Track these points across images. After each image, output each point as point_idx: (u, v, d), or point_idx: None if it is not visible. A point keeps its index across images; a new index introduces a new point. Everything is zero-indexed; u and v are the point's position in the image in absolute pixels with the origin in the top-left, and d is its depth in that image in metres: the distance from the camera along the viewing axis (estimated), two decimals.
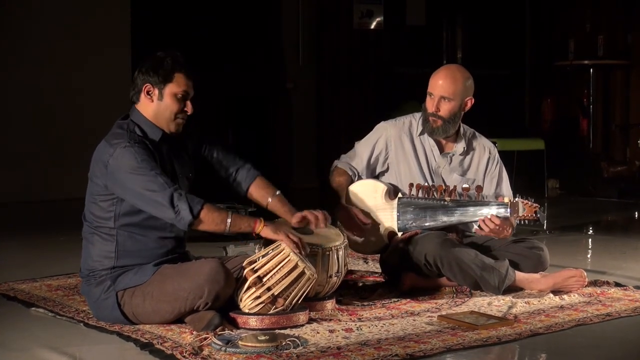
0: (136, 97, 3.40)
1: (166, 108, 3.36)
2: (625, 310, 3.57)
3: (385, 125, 4.12)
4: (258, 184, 3.62)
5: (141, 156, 3.23)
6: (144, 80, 3.36)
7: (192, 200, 3.22)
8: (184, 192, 3.23)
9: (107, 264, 3.33)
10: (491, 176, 4.08)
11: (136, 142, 3.27)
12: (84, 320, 3.40)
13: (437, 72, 4.00)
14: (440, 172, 4.04)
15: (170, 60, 3.35)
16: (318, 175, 9.10)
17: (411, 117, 4.11)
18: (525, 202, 3.77)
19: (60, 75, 7.83)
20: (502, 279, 3.73)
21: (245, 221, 3.29)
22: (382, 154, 4.08)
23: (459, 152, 4.06)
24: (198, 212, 3.21)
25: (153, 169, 3.23)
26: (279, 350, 2.92)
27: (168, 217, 3.23)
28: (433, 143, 4.05)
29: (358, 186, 4.04)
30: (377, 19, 9.32)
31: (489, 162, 4.10)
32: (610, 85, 9.20)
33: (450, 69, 4.03)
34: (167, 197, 3.19)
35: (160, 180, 3.21)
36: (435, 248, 3.75)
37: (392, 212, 3.94)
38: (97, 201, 3.33)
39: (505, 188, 4.10)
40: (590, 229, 6.48)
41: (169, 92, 3.35)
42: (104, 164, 3.26)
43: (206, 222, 3.23)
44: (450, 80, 3.94)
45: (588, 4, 9.26)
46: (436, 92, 3.94)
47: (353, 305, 3.63)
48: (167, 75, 3.34)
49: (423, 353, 2.93)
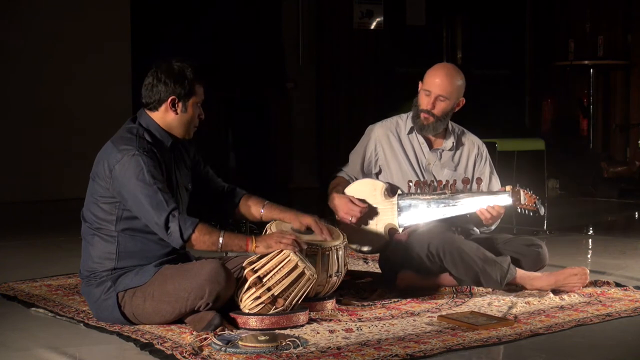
0: (155, 106, 3.39)
1: (189, 119, 3.40)
2: (626, 310, 3.57)
3: (373, 128, 4.15)
4: (246, 200, 3.63)
5: (147, 167, 3.24)
6: (169, 92, 3.35)
7: (185, 223, 3.22)
8: (177, 214, 3.22)
9: (107, 265, 3.33)
10: (480, 172, 4.10)
11: (145, 151, 3.27)
12: (84, 321, 3.40)
13: (434, 70, 4.01)
14: (431, 168, 4.05)
15: (191, 72, 3.37)
16: (318, 175, 9.11)
17: (397, 118, 4.15)
18: (526, 192, 3.85)
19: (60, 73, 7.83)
20: (504, 273, 3.74)
21: (237, 242, 3.29)
22: (373, 156, 4.11)
23: (448, 147, 4.08)
24: (189, 237, 3.22)
25: (156, 183, 3.23)
26: (279, 351, 2.92)
27: (161, 235, 3.26)
28: (422, 140, 4.07)
29: (357, 185, 4.05)
30: (377, 19, 9.33)
31: (477, 158, 4.12)
32: (611, 85, 9.21)
33: (448, 69, 4.04)
34: (163, 218, 3.21)
35: (160, 197, 3.21)
36: (438, 239, 3.76)
37: (392, 209, 3.94)
38: (99, 202, 3.33)
39: (496, 183, 4.11)
40: (590, 229, 6.48)
41: (192, 104, 3.39)
42: (110, 168, 3.26)
43: (197, 245, 3.25)
44: (449, 80, 3.96)
45: (588, 4, 9.27)
46: (434, 90, 3.96)
47: (353, 305, 3.63)
48: (192, 87, 3.36)
49: (423, 353, 2.93)
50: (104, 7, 8.04)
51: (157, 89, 3.36)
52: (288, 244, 3.25)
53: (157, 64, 3.40)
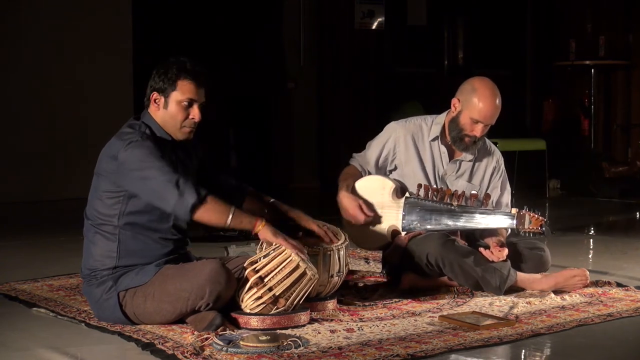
0: (147, 102, 3.40)
1: (171, 116, 3.35)
2: (627, 310, 3.57)
3: (395, 126, 4.09)
4: (251, 197, 3.62)
5: (151, 149, 3.23)
6: (152, 87, 3.36)
7: (198, 187, 3.21)
8: (187, 181, 3.22)
9: (108, 263, 3.33)
10: (493, 185, 4.07)
11: (148, 138, 3.28)
12: (85, 321, 3.40)
13: (488, 99, 3.86)
14: (446, 179, 4.03)
15: (175, 67, 3.33)
16: (319, 175, 9.11)
17: (422, 120, 4.07)
18: (532, 215, 3.74)
19: (62, 74, 7.84)
20: (504, 279, 3.73)
21: (247, 218, 3.27)
22: (390, 154, 4.06)
23: (469, 158, 4.03)
24: (204, 197, 3.18)
25: (161, 160, 3.23)
26: (280, 351, 2.92)
27: (172, 200, 3.18)
28: (444, 150, 4.02)
29: (366, 181, 4.03)
30: (379, 19, 9.33)
31: (495, 172, 4.09)
32: (612, 85, 9.20)
33: (496, 94, 3.89)
34: (173, 180, 3.18)
35: (167, 168, 3.21)
36: (437, 249, 3.75)
37: (397, 211, 3.93)
38: (103, 198, 3.33)
39: (506, 198, 4.10)
40: (591, 230, 6.48)
41: (174, 100, 3.33)
42: (114, 156, 3.26)
43: (210, 209, 3.19)
44: (498, 107, 3.89)
45: (589, 4, 9.26)
46: (488, 121, 3.88)
47: (354, 305, 3.63)
48: (171, 82, 3.32)
49: (424, 353, 2.93)
50: (107, 11, 8.04)
51: (148, 84, 3.38)
52: (292, 245, 3.24)
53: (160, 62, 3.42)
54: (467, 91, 3.90)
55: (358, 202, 3.92)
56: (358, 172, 4.06)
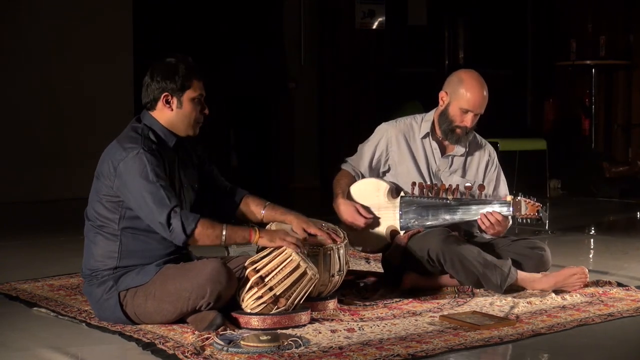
0: (152, 105, 3.39)
1: (186, 115, 3.37)
2: (627, 310, 3.57)
3: (386, 127, 4.11)
4: (247, 200, 3.62)
5: (151, 165, 3.24)
6: (161, 88, 3.36)
7: (187, 218, 3.21)
8: (179, 211, 3.22)
9: (109, 264, 3.33)
10: (489, 179, 4.08)
11: (149, 150, 3.28)
12: (86, 320, 3.40)
13: (473, 89, 3.90)
14: (440, 175, 4.04)
15: (184, 66, 3.36)
16: (319, 175, 9.10)
17: (412, 119, 4.11)
18: (528, 201, 3.79)
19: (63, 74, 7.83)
20: (505, 277, 3.73)
21: (240, 234, 3.30)
22: (384, 155, 4.08)
23: (460, 153, 4.05)
24: (192, 232, 3.22)
25: (159, 181, 3.23)
26: (280, 350, 2.92)
27: (164, 233, 3.25)
28: (435, 146, 4.04)
29: (361, 184, 4.05)
30: (379, 19, 9.32)
31: (489, 165, 4.10)
32: (612, 85, 9.19)
33: (482, 84, 3.93)
34: (165, 215, 3.20)
35: (162, 194, 3.22)
36: (438, 244, 3.75)
37: (394, 211, 3.94)
38: (103, 201, 3.33)
39: (503, 190, 4.10)
40: (592, 229, 6.48)
41: (187, 99, 3.36)
42: (114, 166, 3.27)
43: (201, 239, 3.25)
44: (486, 96, 3.92)
45: (590, 4, 9.26)
46: (477, 110, 3.91)
47: (355, 305, 3.63)
48: (184, 82, 3.35)
49: (425, 353, 2.93)
50: (107, 11, 8.03)
51: (151, 88, 3.38)
52: (291, 242, 3.25)
53: (154, 63, 3.41)
54: (454, 83, 3.95)
55: (355, 206, 3.94)
56: (351, 177, 4.08)
